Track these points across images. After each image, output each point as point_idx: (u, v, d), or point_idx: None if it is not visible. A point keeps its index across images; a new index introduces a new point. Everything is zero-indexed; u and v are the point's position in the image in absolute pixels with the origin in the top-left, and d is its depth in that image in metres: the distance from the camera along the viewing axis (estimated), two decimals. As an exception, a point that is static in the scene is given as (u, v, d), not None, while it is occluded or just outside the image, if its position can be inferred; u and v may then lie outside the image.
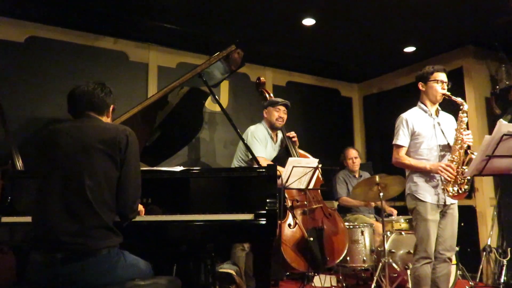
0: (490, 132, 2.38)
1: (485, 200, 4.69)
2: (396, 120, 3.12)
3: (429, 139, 3.00)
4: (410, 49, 4.99)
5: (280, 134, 4.05)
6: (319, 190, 3.94)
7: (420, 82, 3.08)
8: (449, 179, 2.81)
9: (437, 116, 3.08)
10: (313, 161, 3.49)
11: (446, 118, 3.14)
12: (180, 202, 2.41)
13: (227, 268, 3.29)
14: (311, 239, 3.60)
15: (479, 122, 4.81)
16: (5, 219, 2.33)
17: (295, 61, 5.43)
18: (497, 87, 4.84)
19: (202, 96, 3.46)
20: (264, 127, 3.93)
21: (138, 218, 2.13)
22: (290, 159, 3.40)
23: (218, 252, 3.12)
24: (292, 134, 4.01)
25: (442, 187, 2.88)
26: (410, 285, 3.13)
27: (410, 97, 3.21)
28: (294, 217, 3.70)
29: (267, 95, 4.12)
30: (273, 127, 3.94)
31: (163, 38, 4.61)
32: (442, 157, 2.99)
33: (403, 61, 5.36)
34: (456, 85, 4.86)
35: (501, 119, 2.39)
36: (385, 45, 4.88)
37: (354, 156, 4.93)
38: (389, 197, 4.30)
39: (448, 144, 2.98)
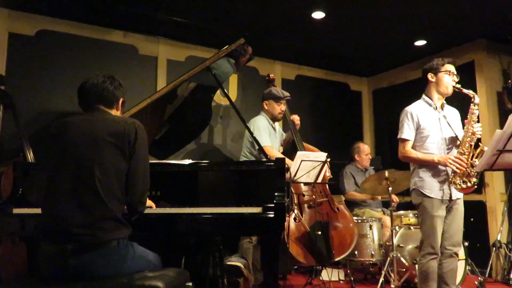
0: (501, 127, 2.35)
1: (496, 195, 4.65)
2: (401, 114, 3.08)
3: (435, 133, 2.96)
4: (421, 42, 4.94)
5: (277, 126, 4.05)
6: (326, 184, 3.93)
7: (430, 73, 3.03)
8: (458, 171, 2.79)
9: (442, 109, 3.04)
10: (322, 155, 3.48)
11: (452, 112, 3.10)
12: (188, 195, 2.42)
13: (235, 261, 3.30)
14: (319, 232, 3.60)
15: (490, 116, 4.76)
16: (17, 211, 2.37)
17: (304, 54, 5.40)
18: (509, 81, 4.78)
19: (211, 89, 3.46)
20: (265, 118, 3.90)
21: (147, 211, 2.15)
22: (298, 153, 3.39)
23: (226, 245, 3.14)
24: (296, 118, 4.03)
25: (450, 179, 2.85)
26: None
27: (421, 91, 3.17)
28: (300, 211, 3.70)
29: None
30: (274, 120, 3.96)
31: (172, 31, 4.62)
32: (449, 150, 2.96)
33: (413, 55, 5.31)
34: (468, 79, 4.81)
35: (512, 114, 2.36)
36: (396, 38, 4.84)
37: (369, 151, 4.92)
38: (398, 191, 4.29)
39: (456, 137, 2.94)
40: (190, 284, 2.02)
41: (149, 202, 2.26)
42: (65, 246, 1.76)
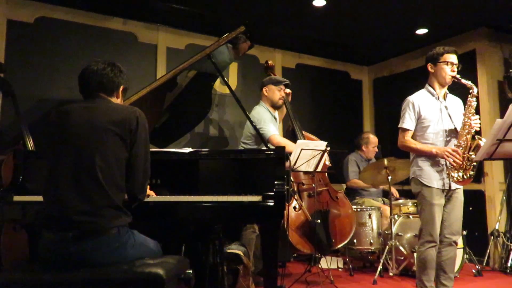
0: (501, 116, 2.35)
1: (495, 184, 4.66)
2: (403, 103, 3.07)
3: (436, 123, 2.95)
4: (422, 31, 4.90)
5: (277, 115, 4.04)
6: (326, 173, 3.93)
7: (430, 64, 3.02)
8: (454, 164, 2.79)
9: (445, 99, 3.03)
10: (322, 144, 3.48)
11: (454, 101, 3.08)
12: (188, 183, 2.43)
13: (235, 249, 3.32)
14: (319, 221, 3.62)
15: (491, 105, 4.75)
16: (17, 198, 2.37)
17: (305, 43, 5.37)
18: (510, 70, 4.76)
19: (211, 78, 3.45)
20: (265, 108, 3.84)
21: (147, 199, 2.15)
22: (298, 141, 3.39)
23: (226, 233, 3.16)
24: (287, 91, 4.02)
25: (447, 172, 2.86)
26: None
27: (422, 80, 3.16)
28: (300, 199, 3.71)
29: None
30: (274, 106, 3.90)
31: (172, 19, 4.58)
32: (448, 142, 2.95)
33: (415, 43, 5.27)
34: (469, 68, 4.79)
35: (513, 103, 2.36)
36: (397, 26, 4.80)
37: (377, 144, 4.91)
38: (398, 180, 4.30)
39: (455, 128, 2.94)
40: (190, 271, 2.03)
41: (149, 191, 2.27)
42: (66, 233, 1.78)
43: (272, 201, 2.19)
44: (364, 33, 5.01)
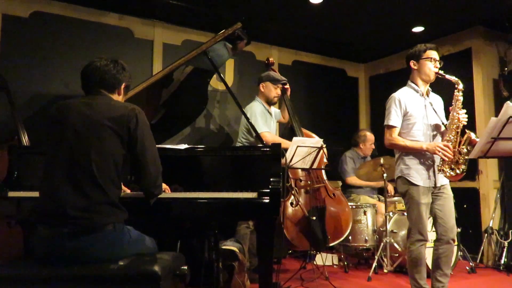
0: (497, 114, 2.36)
1: (489, 182, 4.68)
2: (388, 100, 3.04)
3: (421, 120, 2.94)
4: (418, 29, 4.91)
5: (273, 108, 4.05)
6: (322, 170, 3.95)
7: (412, 61, 3.02)
8: (446, 159, 2.79)
9: (428, 96, 3.03)
10: (318, 141, 3.49)
11: (436, 99, 3.08)
12: (184, 179, 2.43)
13: (230, 245, 3.33)
14: (314, 218, 3.63)
15: (486, 104, 4.77)
16: (12, 194, 2.37)
17: (301, 40, 5.37)
18: (506, 69, 4.78)
19: (207, 74, 3.44)
20: (259, 102, 3.89)
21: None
22: (294, 138, 3.40)
23: (222, 230, 3.16)
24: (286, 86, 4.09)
25: (439, 168, 2.85)
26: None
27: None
28: (296, 196, 3.72)
29: None
30: (269, 103, 3.95)
31: (168, 15, 4.56)
32: (434, 137, 2.95)
33: (411, 42, 5.21)
34: (464, 66, 4.81)
35: (508, 101, 2.36)
36: (393, 24, 4.80)
37: (373, 141, 4.92)
38: (392, 178, 4.31)
39: (442, 124, 2.94)
40: (186, 267, 2.04)
41: (164, 185, 2.26)
42: (62, 229, 1.78)
43: (268, 198, 2.20)
44: (361, 30, 5.01)
